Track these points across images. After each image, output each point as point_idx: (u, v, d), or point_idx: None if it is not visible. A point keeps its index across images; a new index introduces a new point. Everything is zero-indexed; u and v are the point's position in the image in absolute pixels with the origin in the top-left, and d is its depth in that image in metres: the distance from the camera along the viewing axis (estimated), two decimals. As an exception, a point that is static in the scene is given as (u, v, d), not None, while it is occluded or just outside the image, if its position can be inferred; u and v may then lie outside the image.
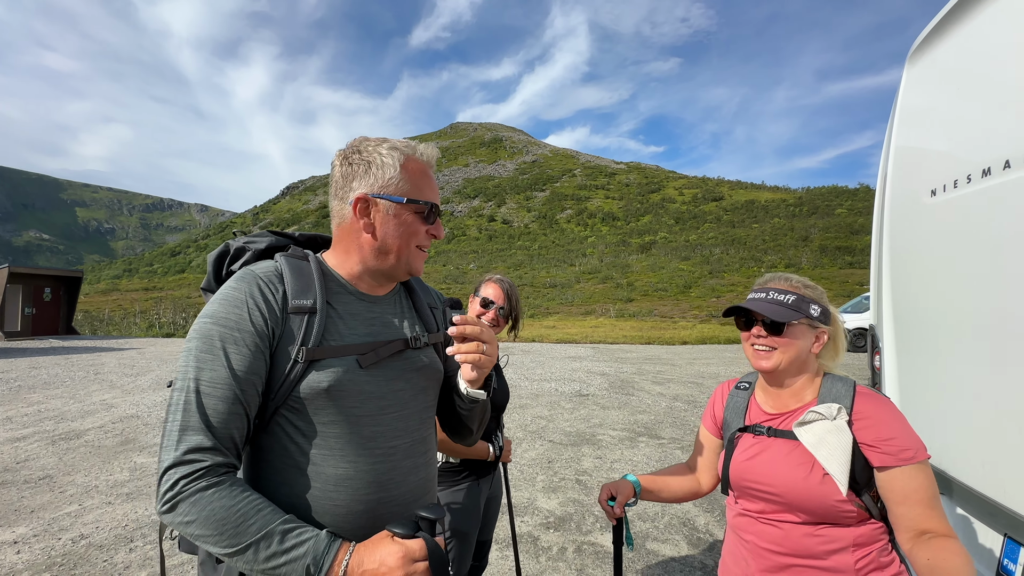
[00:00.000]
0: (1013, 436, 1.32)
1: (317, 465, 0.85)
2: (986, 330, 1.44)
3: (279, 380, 0.84)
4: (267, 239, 1.00)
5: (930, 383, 1.75)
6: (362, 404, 0.88)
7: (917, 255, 1.85)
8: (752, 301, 1.21)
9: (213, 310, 0.84)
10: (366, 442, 0.88)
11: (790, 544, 1.13)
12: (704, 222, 72.88)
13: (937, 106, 1.77)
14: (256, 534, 0.73)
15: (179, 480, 0.74)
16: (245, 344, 0.81)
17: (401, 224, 0.93)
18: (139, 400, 7.39)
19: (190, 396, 0.78)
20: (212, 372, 0.79)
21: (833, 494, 1.06)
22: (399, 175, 0.92)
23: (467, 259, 61.37)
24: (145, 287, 53.53)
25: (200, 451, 0.76)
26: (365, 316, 0.96)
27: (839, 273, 38.10)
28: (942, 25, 1.73)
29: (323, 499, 0.84)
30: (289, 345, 0.85)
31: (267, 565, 0.72)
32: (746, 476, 1.20)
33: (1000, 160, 1.39)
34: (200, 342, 0.81)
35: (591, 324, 25.54)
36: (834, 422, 1.09)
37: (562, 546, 3.11)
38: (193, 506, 0.73)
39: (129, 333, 22.85)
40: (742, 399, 1.31)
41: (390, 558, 0.73)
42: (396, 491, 0.90)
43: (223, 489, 0.75)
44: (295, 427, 0.86)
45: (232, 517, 0.73)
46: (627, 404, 7.29)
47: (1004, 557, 1.38)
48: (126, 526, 3.37)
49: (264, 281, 0.87)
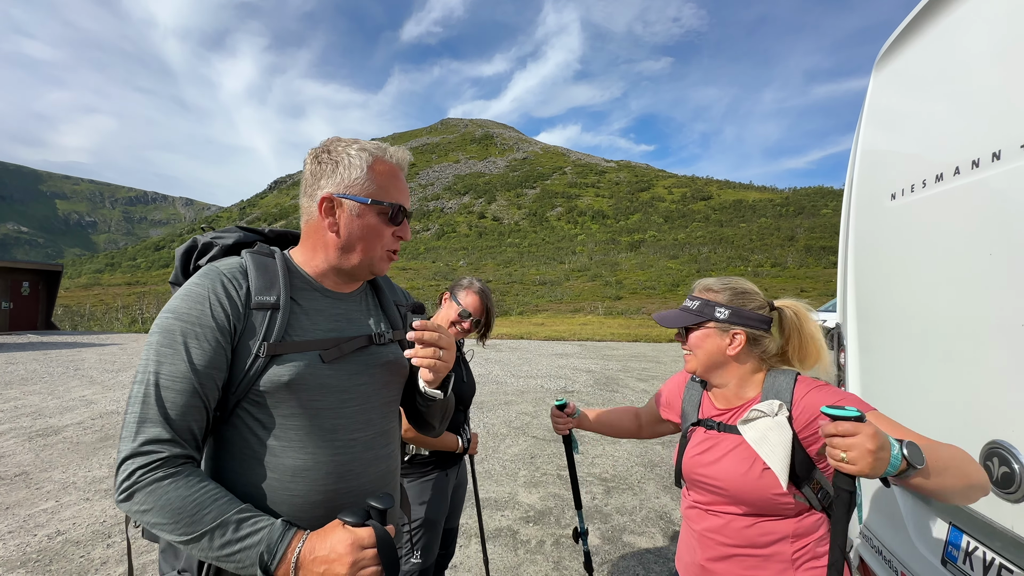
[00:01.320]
0: (958, 432, 1.39)
1: (277, 456, 0.87)
2: (937, 329, 1.51)
3: (240, 374, 0.86)
4: (235, 235, 1.02)
5: (887, 380, 1.82)
6: (323, 397, 0.91)
7: (877, 257, 1.92)
8: (666, 312, 1.31)
9: (175, 305, 0.85)
10: (326, 434, 0.90)
11: (732, 534, 1.18)
12: (693, 221, 73.50)
13: (900, 111, 1.84)
14: (211, 523, 0.75)
15: (136, 470, 0.76)
16: (206, 339, 0.83)
17: (365, 225, 0.95)
18: (119, 396, 7.29)
19: (149, 389, 0.79)
20: (172, 366, 0.81)
21: (772, 487, 1.11)
22: (365, 175, 0.93)
23: (457, 256, 61.21)
24: (128, 281, 52.57)
25: (157, 442, 0.77)
26: (330, 312, 0.98)
27: (823, 272, 38.75)
28: (907, 31, 1.79)
29: (281, 490, 0.87)
30: (250, 340, 0.87)
31: (222, 552, 0.75)
32: (695, 470, 1.25)
33: (951, 166, 1.46)
34: (161, 336, 0.83)
35: (579, 322, 25.68)
36: (775, 419, 1.13)
37: (540, 539, 3.16)
38: (150, 495, 0.75)
39: (111, 328, 22.45)
40: (697, 393, 1.37)
41: (339, 545, 0.76)
42: (355, 482, 0.93)
43: (179, 479, 0.77)
44: (256, 419, 0.88)
45: (188, 506, 0.75)
46: (611, 400, 7.36)
47: (949, 544, 1.45)
48: (104, 522, 3.35)
49: (227, 277, 0.89)
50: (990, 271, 1.29)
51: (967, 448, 1.33)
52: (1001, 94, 1.30)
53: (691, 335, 1.25)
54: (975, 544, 1.35)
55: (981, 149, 1.35)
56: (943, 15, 1.59)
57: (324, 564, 0.75)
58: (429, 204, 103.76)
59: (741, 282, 1.28)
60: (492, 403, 7.12)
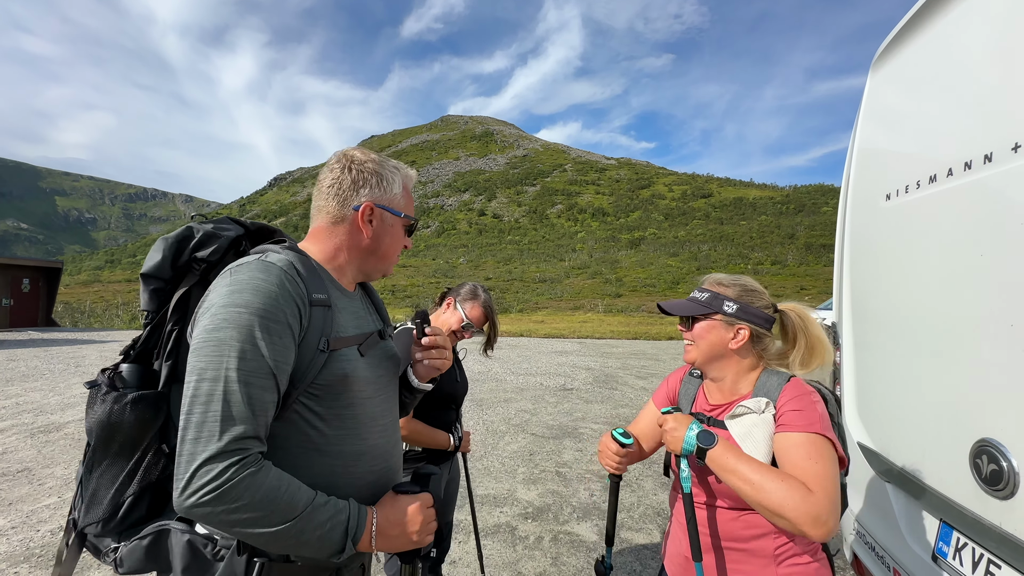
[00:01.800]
0: (948, 429, 1.41)
1: (336, 445, 0.92)
2: (929, 328, 1.53)
3: (303, 369, 0.87)
4: (235, 229, 1.01)
5: (881, 378, 1.84)
6: (365, 388, 0.98)
7: (872, 256, 1.94)
8: (674, 301, 1.33)
9: (246, 300, 0.82)
10: (371, 421, 0.99)
11: (716, 527, 1.22)
12: (693, 219, 73.44)
13: (896, 111, 1.85)
14: (304, 508, 0.79)
15: (228, 468, 0.74)
16: (280, 335, 0.83)
17: (394, 235, 1.07)
18: (121, 393, 7.32)
19: (231, 386, 0.77)
20: (252, 362, 0.79)
21: None
22: (401, 193, 1.07)
23: (457, 253, 61.22)
24: (128, 278, 52.58)
25: (246, 439, 0.77)
26: (351, 309, 1.02)
27: (823, 271, 38.75)
28: (904, 32, 1.79)
29: (343, 475, 0.93)
30: (313, 336, 0.89)
31: (315, 534, 0.80)
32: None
33: (944, 168, 1.47)
34: (237, 332, 0.80)
35: (579, 319, 25.70)
36: (761, 416, 1.17)
37: (539, 535, 3.19)
38: (246, 491, 0.74)
39: (111, 325, 22.50)
40: (693, 387, 1.40)
41: (411, 508, 0.92)
42: (392, 461, 1.04)
43: (268, 471, 0.78)
44: (313, 412, 0.90)
45: (282, 496, 0.78)
46: (610, 398, 7.40)
47: (939, 540, 1.47)
48: (106, 518, 3.37)
49: (287, 274, 0.88)
50: (981, 271, 1.30)
51: (956, 445, 1.36)
52: (993, 96, 1.31)
53: (696, 325, 1.27)
54: (964, 540, 1.37)
55: (973, 151, 1.36)
56: (940, 15, 1.59)
57: (398, 527, 0.90)
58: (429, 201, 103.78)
59: (751, 280, 1.31)
60: (491, 400, 7.15)
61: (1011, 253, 1.21)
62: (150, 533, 0.88)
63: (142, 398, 0.89)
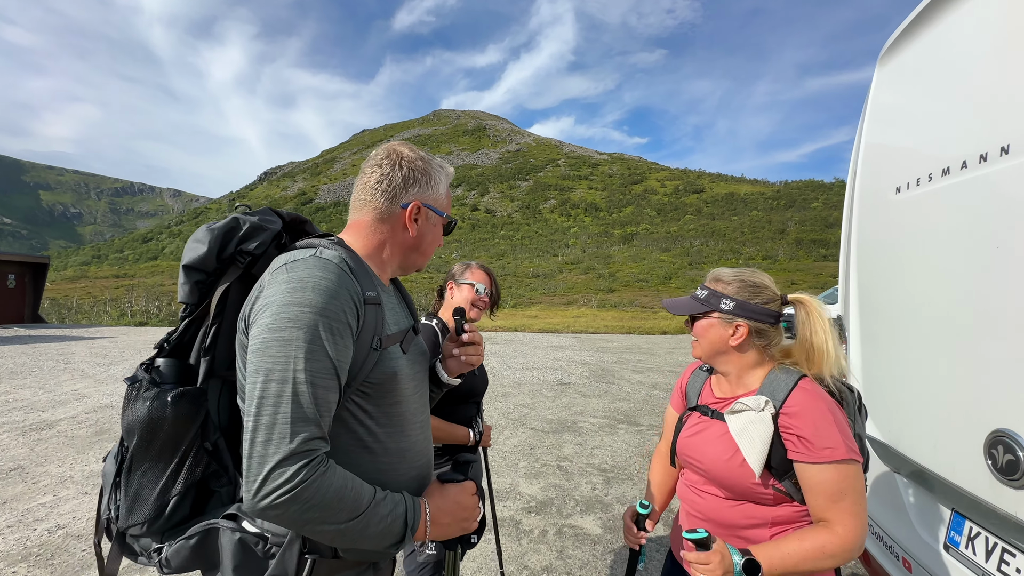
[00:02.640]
0: (961, 421, 1.43)
1: (383, 442, 0.92)
2: (939, 322, 1.54)
3: (357, 368, 0.87)
4: (278, 222, 1.01)
5: (890, 371, 1.85)
6: (408, 384, 0.98)
7: (881, 249, 1.95)
8: (676, 300, 1.36)
9: (309, 299, 0.80)
10: (413, 418, 1.00)
11: (715, 514, 1.25)
12: (685, 214, 73.76)
13: (904, 106, 1.85)
14: (369, 502, 0.81)
15: (301, 469, 0.74)
16: (341, 334, 0.82)
17: (436, 233, 1.08)
18: (113, 390, 7.22)
19: (300, 387, 0.77)
20: (318, 362, 0.79)
21: (749, 477, 1.16)
22: (445, 193, 1.08)
23: (450, 248, 61.05)
24: (115, 274, 51.81)
25: (315, 440, 0.78)
26: (390, 305, 1.01)
27: (814, 265, 39.14)
28: (912, 27, 1.80)
29: (390, 471, 0.93)
30: (367, 335, 0.88)
31: (380, 527, 0.82)
32: (686, 451, 1.32)
33: (958, 161, 1.48)
34: (303, 332, 0.78)
35: (573, 314, 25.77)
36: (759, 414, 1.16)
37: (543, 529, 3.20)
38: (318, 491, 0.75)
39: (99, 321, 22.18)
40: (701, 380, 1.43)
41: (459, 496, 0.96)
42: (429, 456, 1.07)
43: (334, 470, 0.79)
44: (363, 410, 0.89)
45: (348, 493, 0.79)
46: (607, 392, 7.42)
47: (951, 529, 1.49)
48: (104, 516, 3.33)
49: (345, 272, 0.87)
50: (997, 264, 1.31)
51: (970, 436, 1.38)
52: (1009, 88, 1.31)
53: (697, 323, 1.30)
54: (978, 529, 1.39)
55: (988, 144, 1.37)
56: (950, 10, 1.60)
57: (449, 515, 0.93)
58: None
59: (754, 275, 1.28)
60: (489, 395, 7.14)
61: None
62: (197, 532, 0.86)
63: (184, 394, 0.87)
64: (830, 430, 1.10)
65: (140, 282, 40.71)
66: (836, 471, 1.08)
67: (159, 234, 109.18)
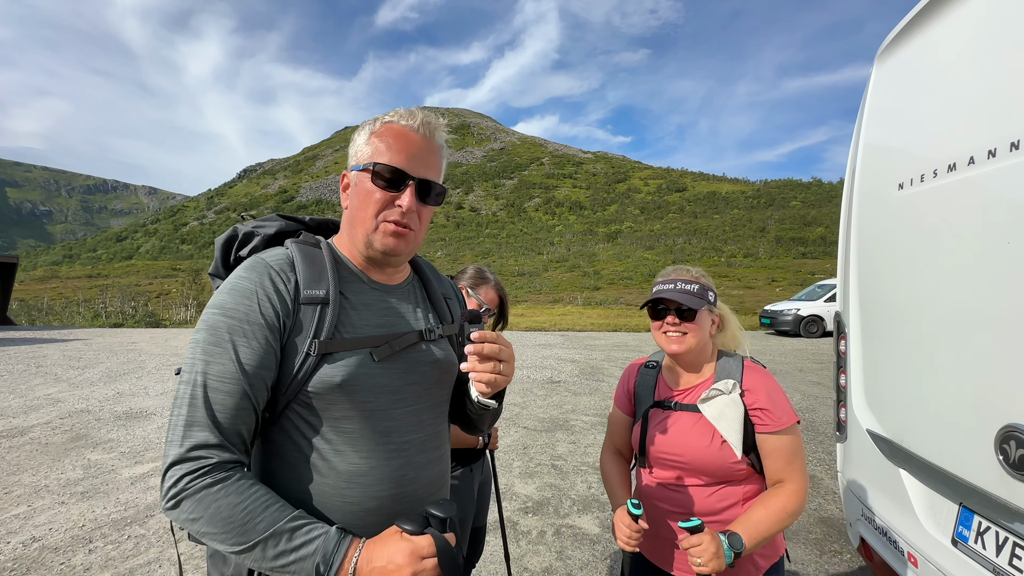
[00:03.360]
0: (970, 416, 1.43)
1: (329, 461, 0.83)
2: (946, 317, 1.54)
3: (290, 374, 0.81)
4: (276, 224, 0.96)
5: (894, 367, 1.86)
6: (376, 398, 0.86)
7: (883, 246, 1.96)
8: (670, 291, 1.34)
9: (221, 300, 0.80)
10: (379, 437, 0.86)
11: (697, 506, 1.30)
12: (668, 212, 74.61)
13: (905, 103, 1.86)
14: (264, 532, 0.71)
15: (183, 477, 0.72)
16: (255, 337, 0.78)
17: (359, 192, 0.89)
18: (88, 394, 6.97)
19: (196, 390, 0.75)
20: (220, 366, 0.76)
21: (729, 457, 1.26)
22: (366, 142, 0.89)
23: (435, 247, 60.73)
24: (88, 274, 50.22)
25: (205, 448, 0.73)
26: (379, 306, 0.93)
27: (793, 263, 39.96)
28: (910, 27, 1.81)
29: (335, 496, 0.82)
30: (300, 338, 0.82)
31: (276, 563, 0.71)
32: (660, 447, 1.34)
33: (965, 157, 1.48)
34: (208, 334, 0.78)
35: (559, 312, 25.84)
36: (730, 396, 1.28)
37: (541, 530, 3.17)
38: (198, 504, 0.71)
39: (72, 323, 21.45)
40: (651, 377, 1.46)
41: (398, 555, 0.72)
42: (410, 487, 0.89)
43: (229, 486, 0.72)
44: (306, 422, 0.83)
45: (238, 515, 0.71)
46: (597, 390, 7.44)
47: (959, 524, 1.49)
48: (83, 526, 3.19)
49: (275, 270, 0.83)
50: (1007, 259, 1.31)
51: (980, 432, 1.38)
52: (1017, 82, 1.31)
53: (696, 316, 1.33)
54: (987, 524, 1.39)
55: (997, 140, 1.37)
56: (944, 14, 1.61)
57: (382, 575, 0.72)
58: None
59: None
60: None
61: (1041, 241, 1.22)
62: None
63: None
64: (781, 399, 1.30)
65: (115, 282, 39.48)
66: (790, 435, 1.27)
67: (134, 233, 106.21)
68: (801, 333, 14.94)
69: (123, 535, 3.09)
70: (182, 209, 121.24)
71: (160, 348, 12.51)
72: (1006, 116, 1.35)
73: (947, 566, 1.50)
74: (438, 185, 0.93)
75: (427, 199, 0.91)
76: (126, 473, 4.13)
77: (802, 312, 15.07)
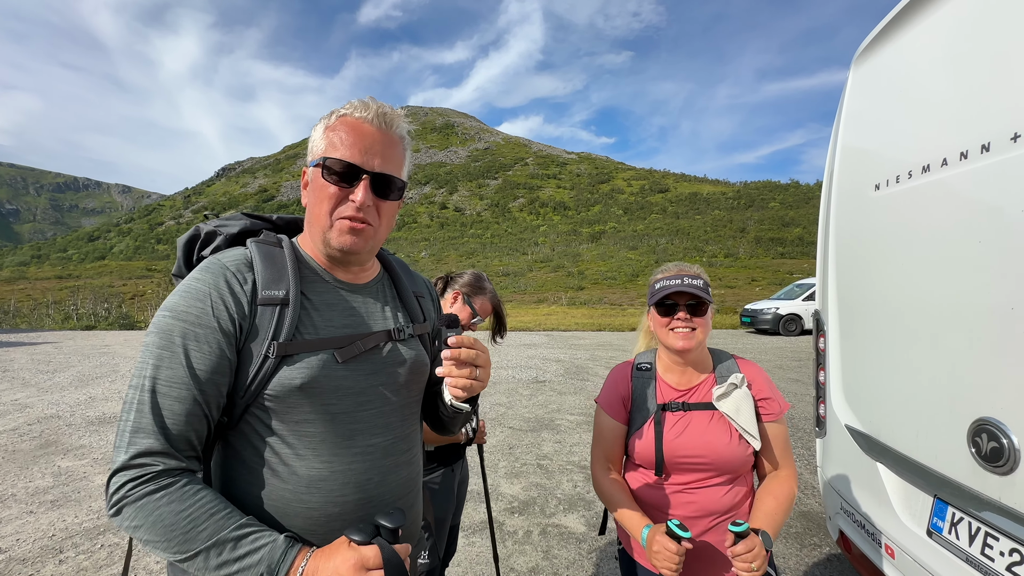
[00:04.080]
0: (944, 410, 1.47)
1: (289, 466, 0.81)
2: (921, 314, 1.59)
3: (248, 378, 0.79)
4: (240, 223, 0.93)
5: (870, 363, 1.91)
6: (339, 401, 0.84)
7: (860, 245, 2.00)
8: (680, 286, 1.30)
9: (174, 303, 0.78)
10: (343, 440, 0.84)
11: (714, 505, 1.29)
12: (651, 213, 75.43)
13: (881, 105, 1.91)
14: (206, 541, 0.69)
15: (126, 483, 0.70)
16: (207, 341, 0.76)
17: (316, 188, 0.86)
18: (59, 399, 6.73)
19: (144, 396, 0.73)
20: (169, 371, 0.74)
21: (747, 450, 1.29)
22: (321, 137, 0.86)
23: (418, 247, 60.33)
24: (58, 275, 48.56)
25: (151, 455, 0.72)
26: (343, 306, 0.90)
27: (772, 263, 40.78)
28: (884, 33, 1.85)
29: (295, 501, 0.80)
30: (258, 340, 0.79)
31: (219, 573, 0.69)
32: (679, 451, 1.29)
33: (939, 158, 1.52)
34: (158, 338, 0.76)
35: (544, 312, 25.91)
36: (743, 389, 1.31)
37: (527, 529, 3.17)
38: (140, 511, 0.69)
39: (41, 325, 20.70)
40: (648, 380, 1.40)
41: (343, 566, 0.70)
42: (375, 491, 0.86)
43: (172, 492, 0.70)
44: (266, 426, 0.81)
45: (181, 522, 0.69)
46: (582, 389, 7.48)
47: (934, 516, 1.54)
48: (53, 536, 3.08)
49: (231, 271, 0.81)
50: (981, 258, 1.35)
51: (954, 425, 1.42)
52: (990, 86, 1.36)
53: (706, 311, 1.33)
54: (960, 515, 1.44)
55: (969, 141, 1.41)
56: (919, 19, 1.65)
57: None
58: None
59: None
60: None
61: (1011, 240, 1.26)
62: None
63: None
64: (774, 388, 1.35)
65: (86, 283, 38.23)
66: (784, 423, 1.34)
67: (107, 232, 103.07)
68: (780, 331, 15.25)
69: (96, 544, 2.99)
70: (158, 208, 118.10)
71: (135, 351, 12.15)
72: (977, 119, 1.39)
73: (922, 556, 1.54)
74: (398, 180, 0.89)
75: (387, 195, 0.87)
76: (99, 480, 4.00)
77: (781, 311, 15.39)
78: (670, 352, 1.36)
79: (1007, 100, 1.29)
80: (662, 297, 1.32)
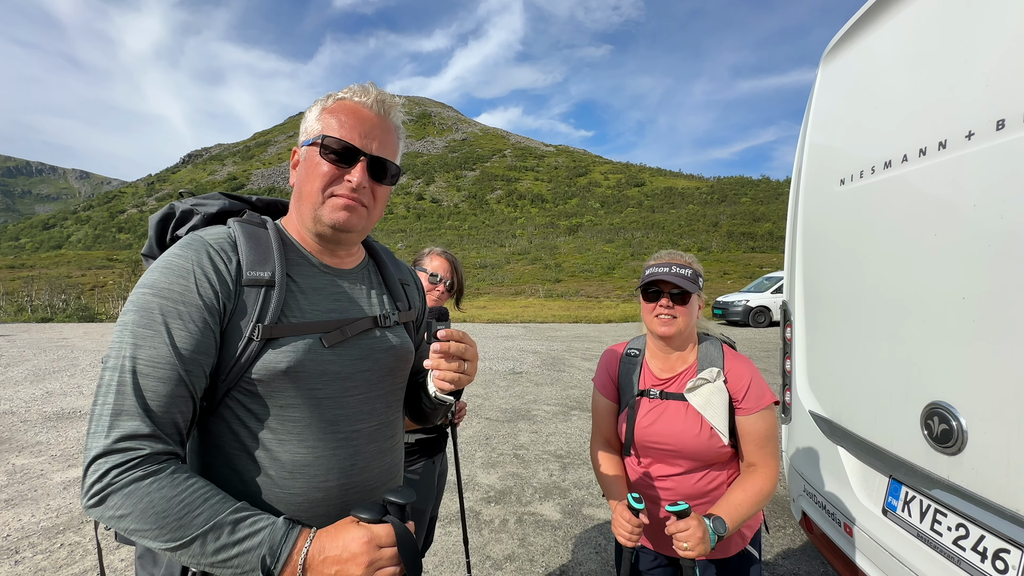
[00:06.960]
0: (899, 395, 1.55)
1: (272, 451, 0.79)
2: (881, 304, 1.66)
3: (230, 360, 0.76)
4: (219, 202, 0.90)
5: (833, 352, 1.99)
6: (324, 386, 0.83)
7: (825, 239, 2.08)
8: (666, 274, 1.34)
9: (154, 279, 0.74)
10: (327, 426, 0.83)
11: (687, 489, 1.35)
12: (627, 206, 76.27)
13: (847, 103, 1.97)
14: (203, 525, 0.66)
15: (110, 470, 0.66)
16: (192, 319, 0.73)
17: (310, 165, 0.85)
18: (12, 394, 6.41)
19: (125, 376, 0.69)
20: (152, 350, 0.70)
21: (717, 443, 1.32)
22: (316, 118, 0.86)
23: (395, 238, 59.55)
24: (11, 265, 46.01)
25: (136, 438, 0.68)
26: (330, 291, 0.89)
27: (743, 256, 41.86)
28: (850, 33, 1.91)
29: (277, 488, 0.79)
30: (242, 321, 0.77)
31: (216, 558, 0.67)
32: (649, 438, 1.36)
33: (899, 154, 1.59)
34: (138, 315, 0.72)
35: (521, 304, 25.99)
36: (715, 384, 1.33)
37: (504, 518, 3.20)
38: (127, 498, 0.65)
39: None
40: (634, 365, 1.46)
41: (354, 543, 0.69)
42: (359, 477, 0.86)
43: (163, 478, 0.67)
44: (248, 410, 0.79)
45: (174, 508, 0.66)
46: (559, 380, 7.55)
47: (889, 495, 1.62)
48: (7, 536, 2.95)
49: (215, 249, 0.78)
50: (935, 250, 1.42)
51: (908, 409, 1.50)
52: (949, 84, 1.41)
53: (688, 300, 1.35)
54: (913, 494, 1.52)
55: (928, 138, 1.47)
56: (885, 19, 1.71)
57: (336, 565, 0.69)
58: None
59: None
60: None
61: (964, 233, 1.33)
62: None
63: None
64: (759, 381, 1.35)
65: (41, 273, 36.31)
66: (767, 416, 1.31)
67: (63, 220, 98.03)
68: (750, 323, 15.72)
69: (55, 543, 2.87)
70: (119, 195, 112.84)
71: (95, 344, 11.65)
72: (935, 117, 1.45)
73: (878, 534, 1.63)
74: (393, 165, 0.89)
75: (382, 178, 0.87)
76: (57, 477, 3.84)
77: (751, 303, 15.85)
78: (655, 337, 1.42)
79: (964, 99, 1.35)
80: (648, 283, 1.37)
